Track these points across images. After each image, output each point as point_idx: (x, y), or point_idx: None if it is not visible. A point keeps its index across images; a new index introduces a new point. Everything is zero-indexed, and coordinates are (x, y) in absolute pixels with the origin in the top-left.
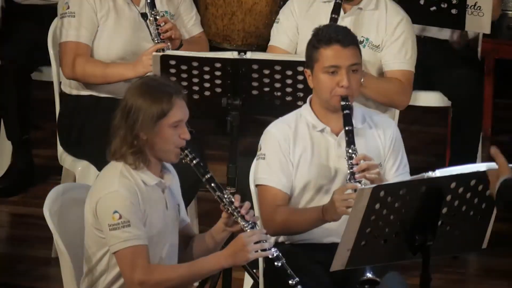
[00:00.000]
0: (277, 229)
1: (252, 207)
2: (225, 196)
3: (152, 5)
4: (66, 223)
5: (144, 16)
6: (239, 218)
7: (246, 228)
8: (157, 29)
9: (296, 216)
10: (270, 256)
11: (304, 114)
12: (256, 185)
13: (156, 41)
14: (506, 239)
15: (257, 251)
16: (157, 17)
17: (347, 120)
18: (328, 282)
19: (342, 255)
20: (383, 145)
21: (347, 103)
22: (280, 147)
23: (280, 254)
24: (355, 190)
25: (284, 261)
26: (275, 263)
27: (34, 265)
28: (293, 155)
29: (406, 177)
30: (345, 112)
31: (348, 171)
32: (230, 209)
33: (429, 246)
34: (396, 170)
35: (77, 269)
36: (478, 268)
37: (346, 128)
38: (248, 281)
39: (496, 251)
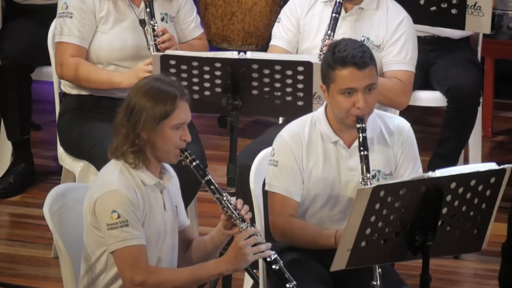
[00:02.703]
0: (284, 238)
1: (251, 209)
2: (224, 198)
3: (151, 15)
4: (66, 223)
5: (142, 23)
6: (238, 221)
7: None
8: (155, 40)
9: (306, 235)
10: (268, 259)
11: (318, 123)
12: (267, 190)
13: (152, 51)
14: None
15: (256, 253)
16: (155, 27)
17: (364, 144)
18: (329, 282)
19: (342, 255)
20: (394, 153)
21: (363, 126)
22: (293, 155)
23: (278, 257)
24: None
25: (282, 264)
26: (273, 266)
27: (34, 265)
28: (306, 164)
29: None
30: (362, 135)
31: None
32: (228, 211)
33: (429, 246)
34: (410, 175)
35: (77, 269)
36: (478, 268)
37: (362, 154)
38: (248, 281)
39: (496, 252)
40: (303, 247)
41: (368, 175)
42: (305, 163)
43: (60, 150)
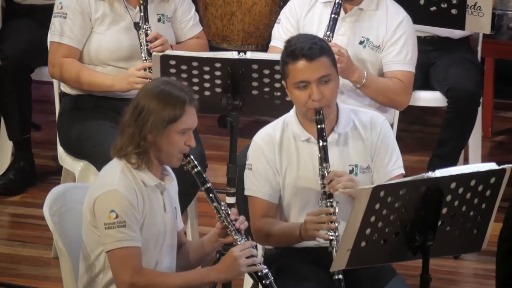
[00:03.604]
0: (264, 241)
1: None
2: (222, 207)
3: (144, 19)
4: (66, 223)
5: (136, 26)
6: (233, 232)
7: (239, 242)
8: (147, 45)
9: (278, 231)
10: (259, 273)
11: (290, 123)
12: (245, 195)
13: (144, 58)
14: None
15: (249, 265)
16: (148, 31)
17: (321, 135)
18: (328, 283)
19: (342, 255)
20: (370, 146)
21: (320, 117)
22: (265, 158)
23: (269, 273)
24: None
25: (272, 280)
26: (263, 281)
27: (34, 265)
28: (280, 166)
29: (399, 171)
30: (319, 127)
31: (321, 190)
32: (225, 221)
33: (429, 246)
34: (386, 166)
35: (77, 269)
36: (478, 268)
37: (320, 144)
38: (248, 281)
39: (495, 252)
40: (280, 245)
41: (325, 165)
42: (279, 164)
43: (60, 150)
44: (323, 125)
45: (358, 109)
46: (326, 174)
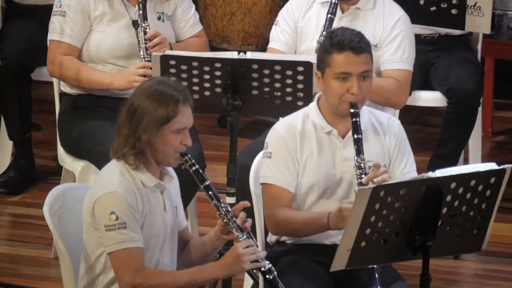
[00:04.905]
0: (279, 229)
1: (252, 212)
2: (222, 205)
3: (143, 17)
4: (66, 223)
5: (135, 24)
6: (234, 228)
7: (241, 239)
8: (145, 43)
9: (299, 219)
10: (262, 269)
11: (311, 114)
12: (261, 183)
13: (142, 56)
14: (506, 239)
15: (252, 262)
16: (147, 30)
17: (356, 128)
18: (329, 282)
19: (342, 255)
20: (388, 148)
21: (356, 111)
22: (287, 146)
23: (272, 267)
24: None
25: (276, 274)
26: (267, 276)
27: (34, 265)
28: (300, 155)
29: (413, 175)
30: (354, 120)
31: (357, 181)
32: (226, 218)
33: (429, 246)
34: (402, 170)
35: (77, 269)
36: (478, 268)
37: (355, 137)
38: (248, 281)
39: (496, 252)
40: (299, 234)
41: (362, 156)
42: (299, 154)
43: (60, 150)
44: (358, 119)
45: (373, 109)
46: (362, 165)
